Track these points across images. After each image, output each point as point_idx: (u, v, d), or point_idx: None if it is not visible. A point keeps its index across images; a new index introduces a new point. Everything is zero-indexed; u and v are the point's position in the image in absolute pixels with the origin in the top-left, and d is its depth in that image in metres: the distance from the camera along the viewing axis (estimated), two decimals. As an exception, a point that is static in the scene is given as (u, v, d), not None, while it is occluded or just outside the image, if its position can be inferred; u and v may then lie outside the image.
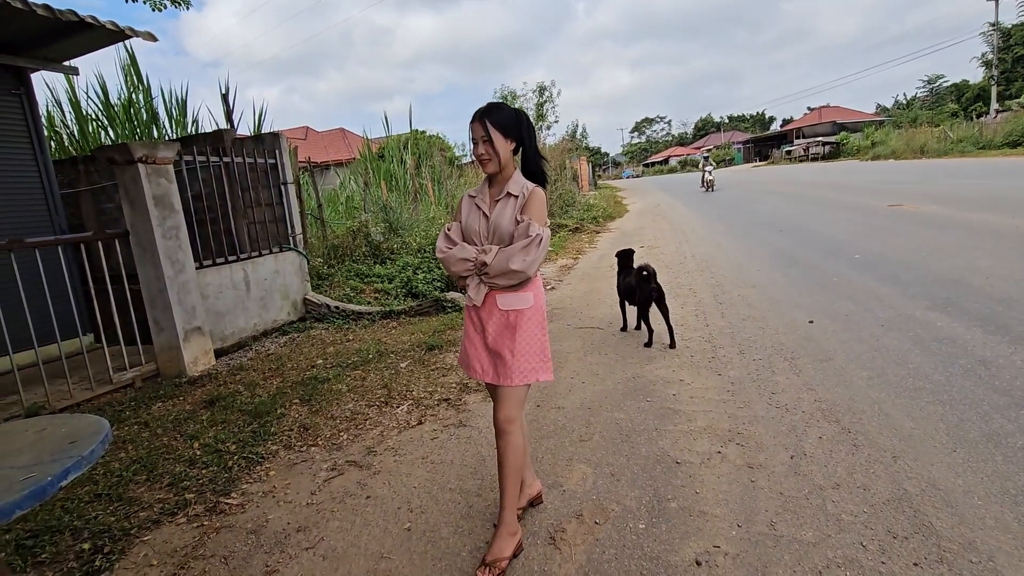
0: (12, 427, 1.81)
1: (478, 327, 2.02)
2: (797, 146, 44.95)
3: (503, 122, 1.92)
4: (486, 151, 1.93)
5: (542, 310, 2.01)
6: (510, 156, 1.98)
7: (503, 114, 1.94)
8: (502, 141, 1.93)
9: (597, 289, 6.37)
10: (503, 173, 1.99)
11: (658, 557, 1.90)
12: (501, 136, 1.92)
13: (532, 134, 2.02)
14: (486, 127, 1.91)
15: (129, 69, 7.90)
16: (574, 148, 20.37)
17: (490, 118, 1.91)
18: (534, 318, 1.97)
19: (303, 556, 2.08)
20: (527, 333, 1.95)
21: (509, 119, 1.94)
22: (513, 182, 1.97)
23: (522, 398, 1.99)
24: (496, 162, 1.94)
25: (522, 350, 1.94)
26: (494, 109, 1.95)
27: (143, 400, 3.94)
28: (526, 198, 1.94)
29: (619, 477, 2.42)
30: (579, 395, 3.38)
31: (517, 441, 1.95)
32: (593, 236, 11.49)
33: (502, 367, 1.94)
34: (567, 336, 4.65)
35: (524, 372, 1.93)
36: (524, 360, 1.94)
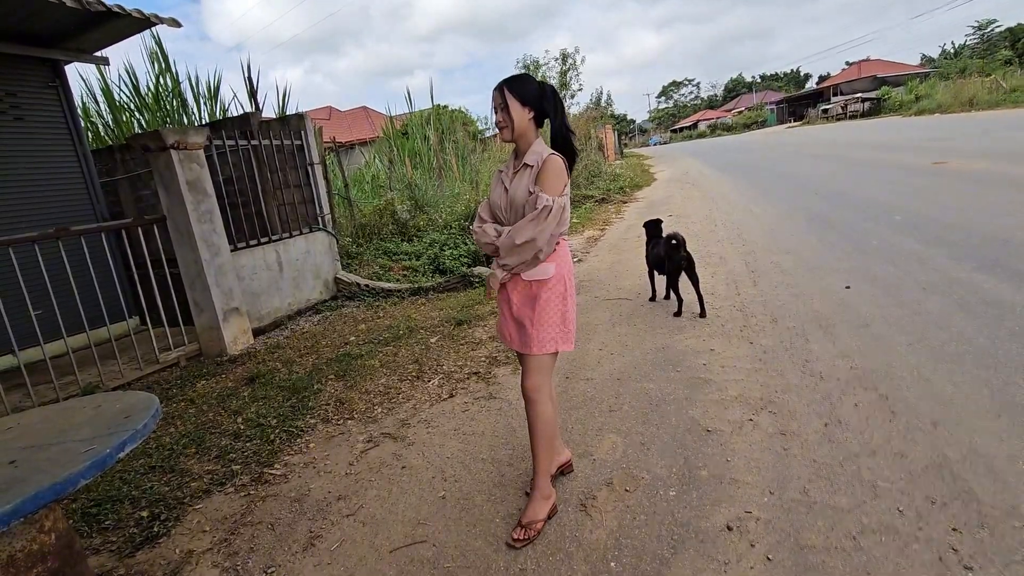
0: (72, 404, 1.93)
1: (506, 297, 2.05)
2: (834, 104, 42.87)
3: (521, 91, 1.92)
4: (502, 118, 1.93)
5: (564, 281, 1.99)
6: (528, 125, 1.95)
7: (523, 83, 1.94)
8: (518, 109, 1.91)
9: (625, 260, 6.30)
10: (522, 143, 1.98)
11: (688, 523, 1.92)
12: (518, 103, 1.91)
13: (559, 107, 1.98)
14: (503, 94, 1.91)
15: (156, 56, 8.04)
16: (599, 116, 19.92)
17: (508, 86, 1.92)
18: (555, 288, 1.96)
19: (344, 522, 2.18)
20: (547, 304, 1.96)
21: (528, 88, 1.93)
22: (531, 152, 1.95)
23: (547, 367, 2.00)
24: (510, 129, 1.94)
25: (541, 320, 1.95)
26: (516, 79, 1.95)
27: (188, 378, 4.12)
28: (539, 167, 1.91)
29: (649, 446, 2.43)
30: (608, 366, 3.38)
31: (545, 409, 1.98)
32: (620, 206, 11.31)
33: (524, 336, 1.98)
34: (595, 307, 4.64)
35: (543, 342, 1.95)
36: (544, 330, 1.95)
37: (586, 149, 15.26)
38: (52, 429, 1.67)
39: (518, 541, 1.91)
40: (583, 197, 11.82)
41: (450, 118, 14.11)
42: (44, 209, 5.11)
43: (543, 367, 1.99)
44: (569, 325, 2.00)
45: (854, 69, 50.56)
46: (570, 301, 2.01)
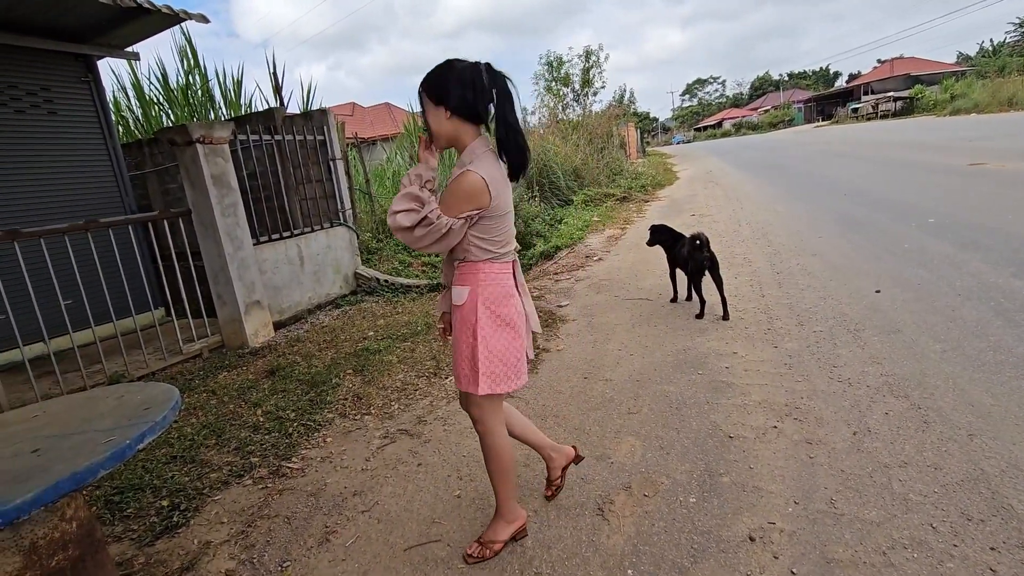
0: (96, 393, 1.95)
1: None
2: (864, 103, 41.83)
3: (430, 83, 1.57)
4: (423, 124, 1.61)
5: (477, 311, 1.66)
6: (452, 126, 1.59)
7: (436, 76, 1.57)
8: (432, 110, 1.58)
9: (645, 259, 6.21)
10: (461, 149, 1.64)
11: (710, 532, 1.87)
12: (431, 103, 1.57)
13: (501, 94, 1.56)
14: (420, 96, 1.59)
15: (186, 52, 8.18)
16: (621, 114, 19.72)
17: (423, 84, 1.58)
18: (466, 319, 1.68)
19: (360, 519, 2.18)
20: (457, 334, 1.73)
21: (441, 80, 1.56)
22: (458, 164, 1.63)
23: (482, 402, 1.76)
24: (435, 136, 1.62)
25: (457, 352, 1.73)
26: (431, 72, 1.59)
27: (210, 369, 4.18)
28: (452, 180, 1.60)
29: (669, 450, 2.38)
30: (627, 367, 3.33)
31: (493, 443, 1.79)
32: (641, 205, 11.17)
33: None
34: (615, 307, 4.58)
35: (458, 377, 1.75)
36: (457, 363, 1.74)
37: (608, 147, 15.11)
38: (76, 418, 1.69)
39: (470, 557, 1.83)
40: (604, 195, 11.71)
41: (471, 115, 14.10)
42: (75, 201, 5.23)
43: (476, 401, 1.76)
44: (476, 364, 1.67)
45: (886, 67, 49.20)
46: (485, 337, 1.67)
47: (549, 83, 20.51)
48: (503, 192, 1.63)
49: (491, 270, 1.69)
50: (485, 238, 1.65)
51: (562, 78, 20.21)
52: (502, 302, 1.70)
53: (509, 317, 1.71)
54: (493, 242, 1.67)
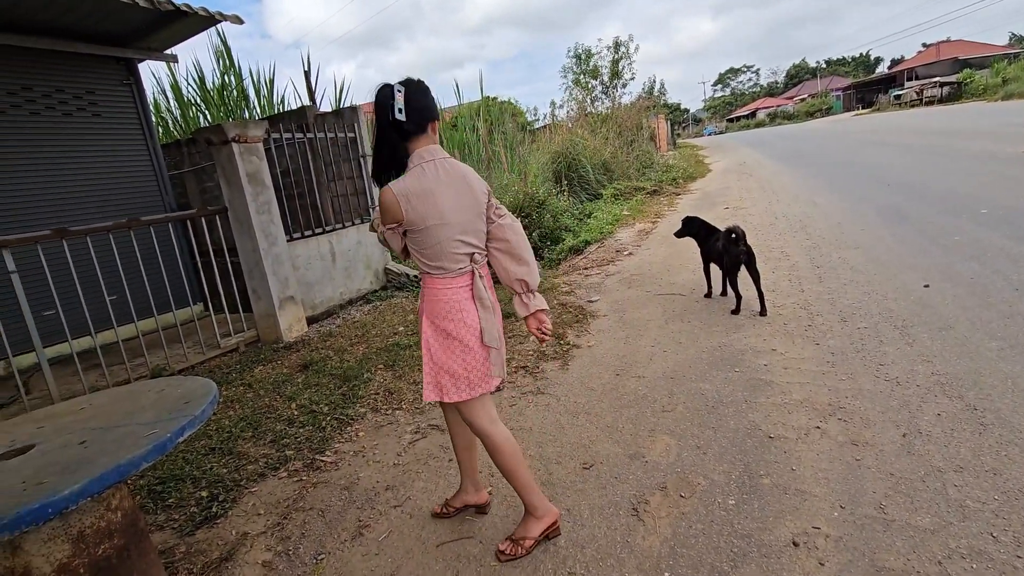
0: (138, 387, 2.01)
1: None
2: (908, 89, 40.02)
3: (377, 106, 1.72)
4: None
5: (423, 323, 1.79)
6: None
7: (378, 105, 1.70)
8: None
9: (678, 253, 6.08)
10: None
11: (750, 535, 1.80)
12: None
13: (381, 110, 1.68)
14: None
15: (221, 53, 8.37)
16: (651, 106, 19.38)
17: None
18: (428, 321, 1.78)
19: (392, 513, 2.19)
20: (425, 342, 1.79)
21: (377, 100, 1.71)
22: None
23: (468, 405, 1.79)
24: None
25: (426, 360, 1.80)
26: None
27: (246, 363, 4.28)
28: None
29: (705, 450, 2.32)
30: (660, 364, 3.26)
31: (494, 444, 1.80)
32: (673, 198, 10.96)
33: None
34: (647, 303, 4.49)
35: (427, 385, 1.80)
36: (426, 373, 1.80)
37: (638, 139, 14.87)
38: (119, 411, 1.74)
39: (502, 554, 1.82)
40: (634, 189, 11.53)
41: (499, 109, 14.08)
42: (117, 200, 5.42)
43: (465, 404, 1.80)
44: (440, 377, 1.76)
45: (932, 51, 46.95)
46: (431, 348, 1.77)
47: (577, 76, 20.31)
48: (425, 205, 1.65)
49: (433, 285, 1.77)
50: (417, 250, 1.75)
51: (591, 71, 19.99)
52: (444, 316, 1.75)
53: (455, 331, 1.75)
54: (425, 255, 1.73)
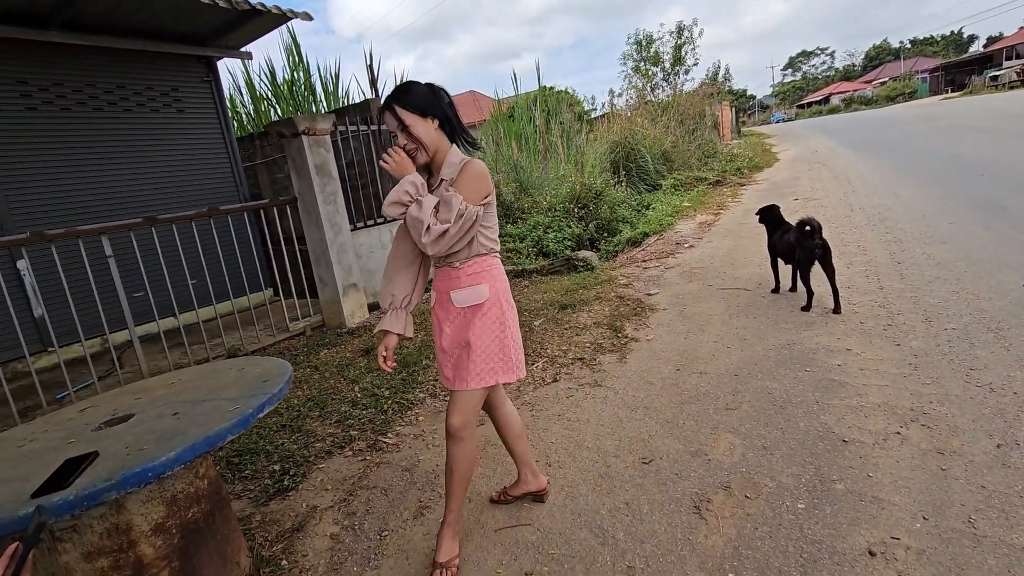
0: (220, 365, 2.15)
1: (439, 329, 1.84)
2: (1007, 69, 36.43)
3: (416, 102, 1.64)
4: (408, 140, 1.66)
5: (501, 303, 1.76)
6: (438, 136, 1.69)
7: (413, 93, 1.65)
8: (422, 123, 1.65)
9: (742, 247, 5.85)
10: (437, 157, 1.72)
11: (821, 541, 1.72)
12: (419, 117, 1.64)
13: (454, 109, 1.73)
14: (396, 114, 1.63)
15: (291, 50, 8.73)
16: (715, 92, 18.63)
17: (399, 102, 1.63)
18: (491, 313, 1.73)
19: (451, 497, 2.23)
20: (483, 331, 1.73)
21: (422, 96, 1.66)
22: (446, 165, 1.70)
23: (479, 402, 1.78)
24: (423, 149, 1.67)
25: (478, 350, 1.71)
26: (403, 92, 1.66)
27: (313, 347, 4.49)
28: (458, 174, 1.66)
29: (772, 451, 2.23)
30: (724, 360, 3.15)
31: (471, 448, 1.77)
32: (737, 189, 10.53)
33: (459, 369, 1.75)
34: (708, 297, 4.35)
35: (481, 374, 1.71)
36: (481, 361, 1.71)
37: (700, 128, 14.36)
38: (205, 387, 1.87)
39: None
40: (696, 179, 11.17)
41: (556, 99, 13.94)
42: (198, 190, 5.79)
43: (474, 403, 1.76)
44: (510, 353, 1.75)
45: (1036, 26, 42.44)
46: (510, 325, 1.77)
47: (637, 63, 19.80)
48: None
49: (498, 264, 1.81)
50: (490, 227, 1.75)
51: (651, 57, 19.42)
52: (508, 293, 1.83)
53: (512, 307, 1.84)
54: (494, 230, 1.78)
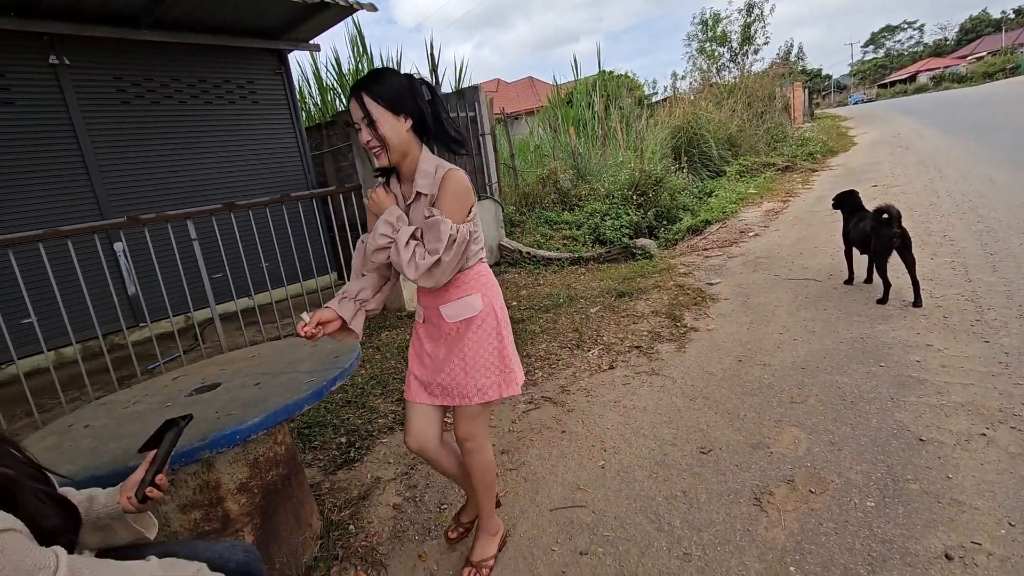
0: (295, 341, 2.29)
1: (419, 348, 1.69)
2: None
3: (388, 94, 1.42)
4: (371, 137, 1.44)
5: (495, 312, 1.62)
6: (409, 139, 1.48)
7: (387, 83, 1.43)
8: (391, 120, 1.43)
9: (813, 235, 5.56)
10: (407, 162, 1.51)
11: (892, 541, 1.65)
12: (389, 112, 1.42)
13: (438, 99, 1.50)
14: (364, 104, 1.41)
15: (356, 41, 9.00)
16: (787, 73, 17.62)
17: (369, 91, 1.41)
18: (486, 324, 1.60)
19: (508, 476, 2.30)
20: (479, 344, 1.59)
21: (396, 88, 1.43)
22: (421, 172, 1.49)
23: (482, 415, 1.67)
24: (386, 151, 1.46)
25: (476, 365, 1.59)
26: (374, 78, 1.44)
27: (374, 328, 4.67)
28: (437, 189, 1.48)
29: (841, 447, 2.14)
30: (790, 353, 3.03)
31: (485, 455, 1.69)
32: (808, 175, 9.97)
33: (455, 386, 1.60)
34: (774, 287, 4.18)
35: (482, 390, 1.58)
36: (480, 376, 1.58)
37: (769, 111, 13.65)
38: (283, 360, 2.00)
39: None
40: (763, 165, 10.67)
41: (616, 84, 13.65)
42: (271, 178, 6.11)
43: (477, 415, 1.65)
44: (509, 363, 1.63)
45: None
46: (505, 335, 1.64)
47: (703, 44, 19.00)
48: None
49: (487, 271, 1.67)
50: (476, 234, 1.59)
51: (718, 37, 18.57)
52: (501, 300, 1.69)
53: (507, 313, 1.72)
54: (480, 238, 1.62)
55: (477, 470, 1.70)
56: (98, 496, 1.11)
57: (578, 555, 1.79)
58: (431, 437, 1.69)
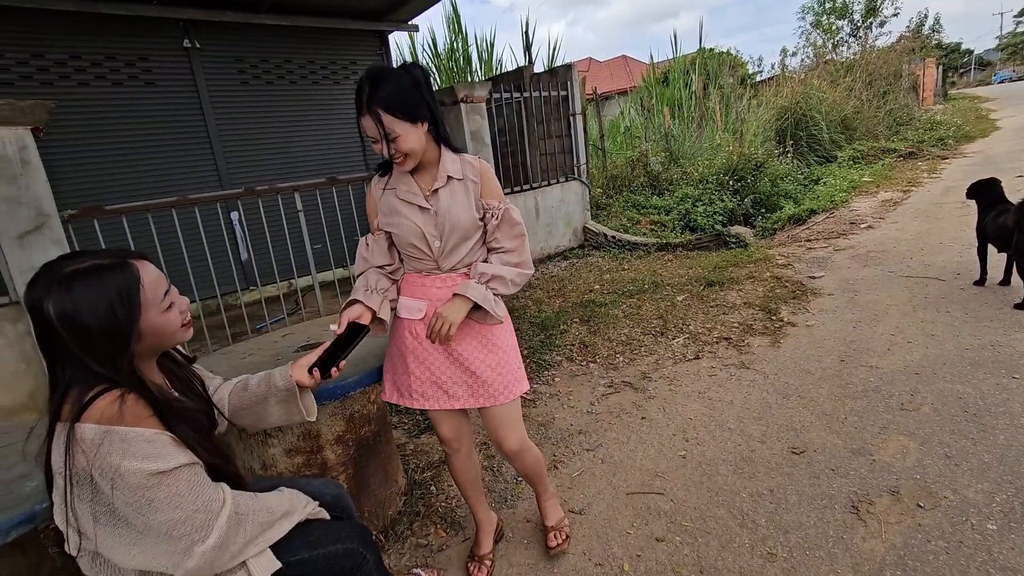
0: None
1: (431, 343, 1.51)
2: None
3: (403, 104, 1.34)
4: (396, 151, 1.38)
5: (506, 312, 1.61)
6: (427, 138, 1.43)
7: (398, 90, 1.34)
8: (411, 130, 1.37)
9: (938, 230, 4.99)
10: (426, 157, 1.46)
11: (1017, 570, 1.47)
12: (408, 124, 1.36)
13: (433, 94, 1.43)
14: (382, 122, 1.33)
15: (452, 20, 9.14)
16: (917, 48, 15.74)
17: (384, 106, 1.32)
18: (505, 319, 1.58)
19: (584, 455, 2.30)
20: (503, 340, 1.56)
21: (407, 92, 1.36)
22: (448, 162, 1.47)
23: (520, 411, 1.64)
24: (414, 158, 1.42)
25: (503, 362, 1.55)
26: (380, 88, 1.33)
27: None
28: (479, 178, 1.49)
29: (958, 462, 1.93)
30: (901, 356, 2.76)
31: (534, 452, 1.71)
32: (936, 163, 8.92)
33: (482, 388, 1.53)
34: (887, 284, 3.81)
35: (509, 386, 1.55)
36: (507, 372, 1.55)
37: (893, 90, 12.30)
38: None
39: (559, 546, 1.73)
40: (881, 151, 9.68)
41: (717, 62, 12.86)
42: (370, 155, 6.41)
43: (518, 413, 1.62)
44: (520, 359, 1.64)
45: None
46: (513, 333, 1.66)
47: (819, 17, 17.40)
48: None
49: None
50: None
51: (838, 9, 16.91)
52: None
53: None
54: None
55: (538, 464, 1.72)
56: (274, 374, 1.28)
57: (654, 540, 1.77)
58: (469, 438, 1.69)
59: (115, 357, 0.93)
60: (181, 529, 0.92)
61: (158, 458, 0.90)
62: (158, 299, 1.00)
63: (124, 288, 0.94)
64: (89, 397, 0.89)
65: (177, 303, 1.05)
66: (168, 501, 0.91)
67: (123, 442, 0.88)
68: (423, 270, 1.53)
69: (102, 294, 0.91)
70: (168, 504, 0.91)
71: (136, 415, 0.91)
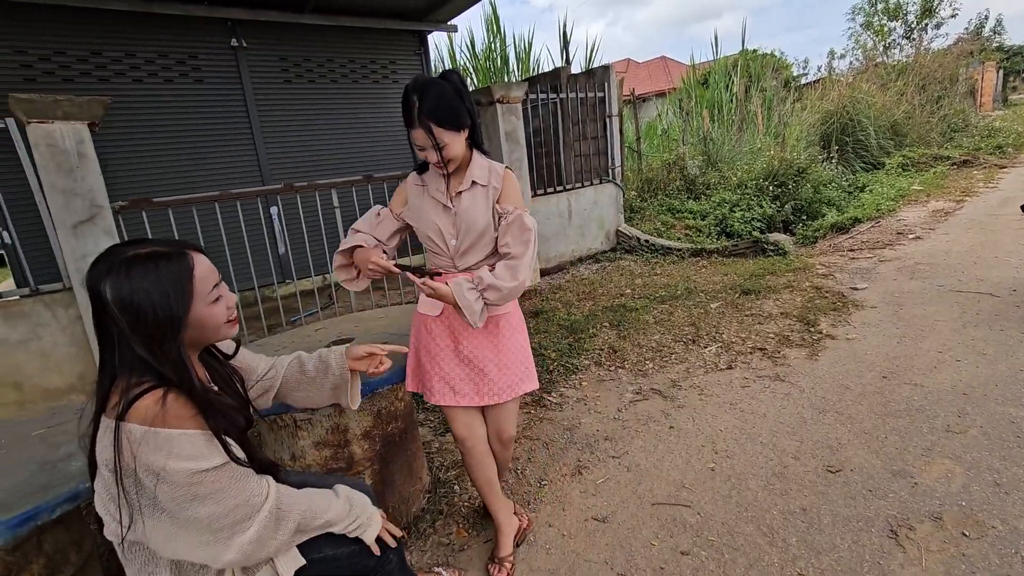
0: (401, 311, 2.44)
1: (442, 341, 1.63)
2: None
3: (450, 115, 1.44)
4: (439, 160, 1.48)
5: (519, 310, 1.73)
6: (466, 145, 1.54)
7: (446, 104, 1.43)
8: (457, 140, 1.48)
9: (993, 243, 4.73)
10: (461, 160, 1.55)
11: (1071, 611, 1.38)
12: (455, 134, 1.47)
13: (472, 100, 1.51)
14: (433, 134, 1.43)
15: (491, 21, 9.17)
16: (976, 51, 14.99)
17: (435, 119, 1.42)
18: (515, 314, 1.69)
19: (609, 462, 2.27)
20: (511, 337, 1.65)
21: (452, 102, 1.44)
22: (476, 167, 1.56)
23: (517, 410, 1.77)
24: (456, 162, 1.52)
25: (509, 359, 1.63)
26: (427, 98, 1.41)
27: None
28: (501, 184, 1.56)
29: (1008, 490, 1.82)
30: (949, 375, 2.63)
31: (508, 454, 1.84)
32: (993, 172, 8.47)
33: (486, 384, 1.61)
34: (936, 299, 3.64)
35: (513, 384, 1.63)
36: (512, 370, 1.64)
37: (948, 96, 11.75)
38: (407, 322, 2.14)
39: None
40: (933, 158, 9.25)
41: (760, 63, 12.53)
42: (404, 154, 6.49)
43: (516, 410, 1.75)
44: (531, 359, 1.72)
45: None
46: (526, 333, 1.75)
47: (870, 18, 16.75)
48: None
49: None
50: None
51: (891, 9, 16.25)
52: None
53: None
54: None
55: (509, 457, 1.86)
56: (330, 361, 1.36)
57: (679, 554, 1.73)
58: (482, 436, 1.72)
59: (164, 343, 0.95)
60: (223, 522, 0.95)
61: (201, 457, 0.93)
62: (207, 291, 1.02)
63: (178, 277, 0.97)
64: (134, 395, 0.91)
65: (224, 298, 1.07)
66: (212, 496, 0.93)
67: (167, 442, 0.90)
68: (442, 266, 1.62)
69: (158, 281, 0.94)
70: (212, 499, 0.93)
71: (178, 416, 0.93)
